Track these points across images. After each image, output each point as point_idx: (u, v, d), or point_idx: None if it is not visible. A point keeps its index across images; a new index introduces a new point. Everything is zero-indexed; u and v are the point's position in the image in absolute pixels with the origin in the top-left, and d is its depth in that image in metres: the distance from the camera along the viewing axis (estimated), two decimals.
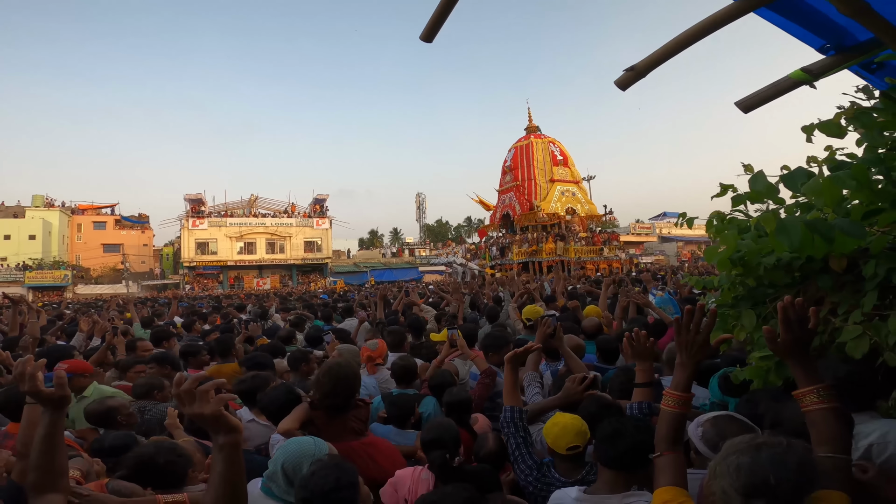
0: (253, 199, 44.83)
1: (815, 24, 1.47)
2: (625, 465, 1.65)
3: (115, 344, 4.29)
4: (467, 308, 7.51)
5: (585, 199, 28.44)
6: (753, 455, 1.07)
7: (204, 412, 1.16)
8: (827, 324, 1.91)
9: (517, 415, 2.12)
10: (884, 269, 1.62)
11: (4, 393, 2.51)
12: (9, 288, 35.27)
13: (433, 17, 1.29)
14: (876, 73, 1.61)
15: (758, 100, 1.64)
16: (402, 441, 2.53)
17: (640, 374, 2.08)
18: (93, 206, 48.80)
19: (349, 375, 2.24)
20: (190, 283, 40.18)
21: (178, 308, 8.93)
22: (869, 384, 1.63)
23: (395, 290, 9.98)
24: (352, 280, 38.77)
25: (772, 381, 1.97)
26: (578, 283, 8.41)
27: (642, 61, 1.47)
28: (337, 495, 1.41)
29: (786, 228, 1.48)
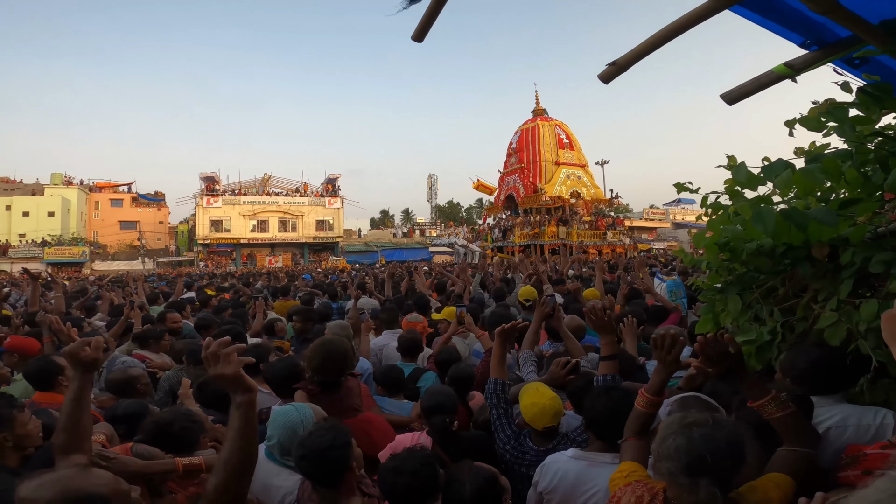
0: (266, 178, 45.11)
1: (792, 22, 1.50)
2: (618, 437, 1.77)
3: (132, 317, 4.48)
4: (477, 288, 7.62)
5: (591, 183, 28.09)
6: (687, 436, 1.19)
7: (226, 372, 1.29)
8: (809, 311, 1.98)
9: (500, 387, 2.22)
10: (860, 257, 1.68)
11: (36, 363, 2.66)
12: (28, 263, 36.20)
13: (423, 18, 1.35)
14: (859, 67, 1.65)
15: (741, 93, 1.68)
16: (396, 411, 2.67)
17: (604, 347, 2.18)
18: (110, 184, 49.47)
19: (338, 350, 2.31)
20: (204, 260, 40.82)
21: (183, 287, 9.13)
22: (837, 370, 1.70)
23: (401, 271, 10.08)
24: (362, 259, 39.06)
25: (752, 364, 2.04)
26: (578, 266, 8.41)
27: (624, 56, 1.52)
28: (332, 453, 1.53)
29: (761, 216, 1.55)
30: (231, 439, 1.28)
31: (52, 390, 2.56)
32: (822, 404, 1.68)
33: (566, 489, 1.77)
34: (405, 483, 1.52)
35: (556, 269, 8.75)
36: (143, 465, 1.70)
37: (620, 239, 27.73)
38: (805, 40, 1.57)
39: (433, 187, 59.09)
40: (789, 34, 1.56)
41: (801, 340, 1.97)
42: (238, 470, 1.28)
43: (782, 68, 1.59)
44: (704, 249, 2.16)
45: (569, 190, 27.03)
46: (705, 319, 2.39)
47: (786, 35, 1.57)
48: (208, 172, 42.92)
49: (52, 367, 2.59)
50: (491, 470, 1.68)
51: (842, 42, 1.52)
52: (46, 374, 2.58)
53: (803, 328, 2.00)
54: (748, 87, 1.67)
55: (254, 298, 6.41)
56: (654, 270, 7.12)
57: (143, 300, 6.59)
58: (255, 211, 42.78)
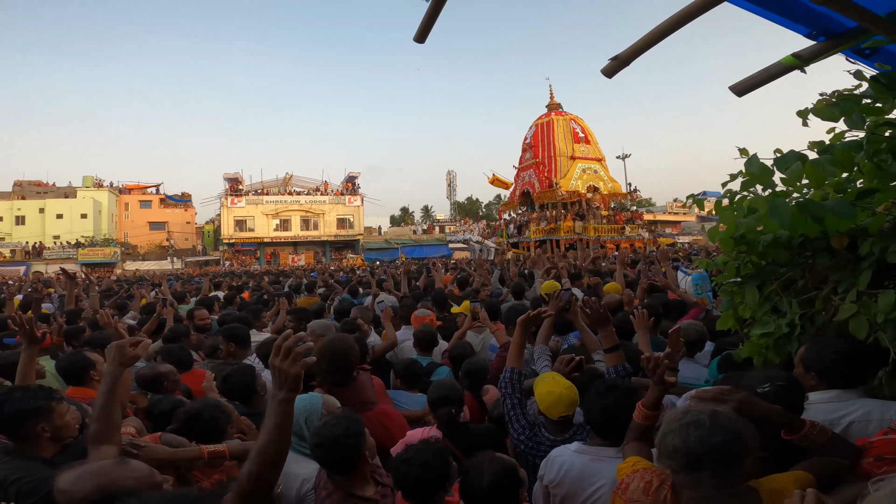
0: (288, 177, 45.75)
1: (795, 13, 1.47)
2: (618, 437, 1.80)
3: (165, 315, 4.63)
4: (496, 283, 7.64)
5: (608, 177, 27.65)
6: (684, 437, 1.21)
7: (290, 370, 1.31)
8: (829, 302, 1.95)
9: (516, 376, 2.23)
10: (878, 247, 1.65)
11: (67, 358, 2.78)
12: (63, 264, 37.50)
13: (424, 19, 1.37)
14: (870, 57, 1.61)
15: (750, 84, 1.66)
16: (411, 405, 2.71)
17: (605, 340, 2.19)
18: (139, 186, 50.91)
19: (343, 350, 2.35)
20: (229, 259, 41.68)
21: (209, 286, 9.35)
22: (861, 363, 1.67)
23: (416, 268, 10.13)
24: (383, 256, 39.31)
25: (770, 358, 2.02)
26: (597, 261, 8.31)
27: (626, 51, 1.52)
28: (346, 441, 1.58)
29: (777, 209, 1.53)
30: (269, 432, 1.32)
31: (84, 385, 2.67)
32: (843, 398, 1.66)
33: (571, 482, 1.78)
34: (417, 474, 1.56)
35: (574, 265, 8.68)
36: (170, 452, 1.78)
37: (639, 233, 27.28)
38: (811, 31, 1.54)
39: (452, 184, 59.05)
40: (794, 25, 1.53)
41: (821, 333, 1.94)
42: (273, 460, 1.33)
43: (791, 59, 1.56)
44: (720, 243, 2.14)
45: (585, 184, 26.69)
46: (726, 316, 2.36)
47: (790, 26, 1.54)
48: (232, 173, 43.76)
49: (83, 362, 2.70)
50: (511, 461, 1.71)
51: (850, 32, 1.48)
52: (78, 368, 2.69)
53: (823, 320, 1.97)
54: (757, 78, 1.64)
55: (277, 296, 6.55)
56: (676, 264, 7.00)
57: (171, 298, 6.79)
58: (278, 210, 43.45)
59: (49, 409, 1.76)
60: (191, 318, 4.73)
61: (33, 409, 1.73)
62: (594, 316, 2.26)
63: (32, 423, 1.72)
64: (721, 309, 2.39)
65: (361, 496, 1.66)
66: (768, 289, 2.13)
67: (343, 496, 1.63)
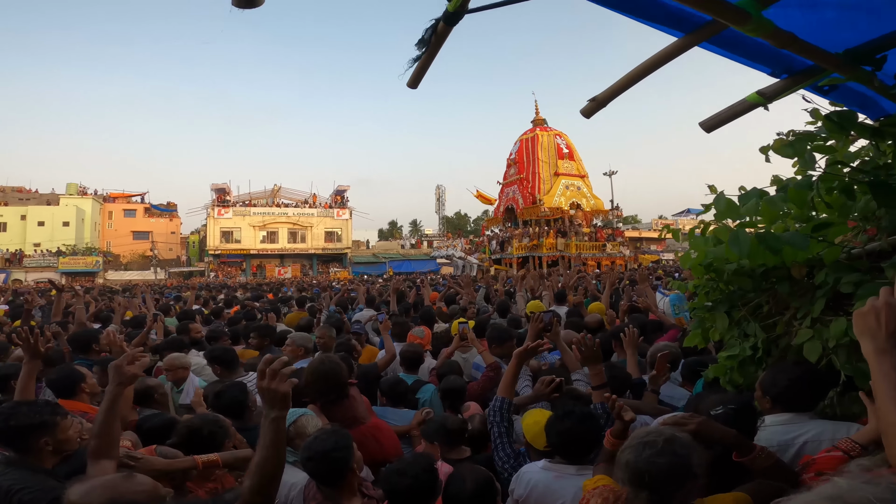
0: (276, 189, 45.67)
1: (757, 55, 1.61)
2: (576, 458, 1.92)
3: (155, 328, 4.65)
4: (481, 301, 7.75)
5: (591, 194, 27.75)
6: (638, 453, 1.33)
7: (279, 389, 1.41)
8: (791, 327, 2.09)
9: (506, 406, 2.31)
10: (832, 277, 1.80)
11: (58, 372, 2.82)
12: (43, 273, 36.78)
13: (418, 67, 1.49)
14: (829, 94, 1.76)
15: (718, 121, 1.80)
16: (398, 421, 2.80)
17: (594, 377, 2.30)
18: (124, 195, 50.36)
19: (331, 369, 2.42)
20: (214, 270, 41.28)
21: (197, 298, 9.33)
22: (813, 388, 1.80)
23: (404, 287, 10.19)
24: (370, 270, 39.30)
25: (735, 379, 2.15)
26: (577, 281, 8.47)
27: (602, 93, 1.65)
28: (335, 454, 1.68)
29: (737, 239, 1.67)
30: (265, 448, 1.40)
31: (73, 398, 2.69)
32: (797, 420, 1.78)
33: (537, 498, 1.88)
34: (407, 485, 1.64)
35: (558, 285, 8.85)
36: (166, 463, 1.86)
37: (620, 251, 27.58)
38: (773, 70, 1.69)
39: (441, 198, 59.40)
40: (757, 66, 1.68)
41: (783, 356, 2.08)
42: (271, 474, 1.42)
43: (755, 97, 1.71)
44: (691, 270, 2.28)
45: (568, 201, 26.75)
46: (694, 334, 2.50)
47: (754, 66, 1.68)
48: (219, 183, 43.56)
49: (74, 376, 2.74)
50: (488, 472, 1.81)
51: (810, 70, 1.63)
52: (69, 381, 2.72)
53: (785, 344, 2.11)
54: (724, 115, 1.79)
55: (264, 312, 6.58)
56: (656, 284, 7.19)
57: (156, 311, 6.79)
58: (265, 222, 43.27)
59: (54, 423, 1.81)
60: (186, 331, 4.77)
61: (39, 424, 1.77)
62: (587, 353, 2.35)
63: (37, 436, 1.76)
64: (690, 328, 2.53)
65: None
66: (737, 314, 2.27)
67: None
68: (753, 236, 1.71)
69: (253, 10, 1.21)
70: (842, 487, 0.69)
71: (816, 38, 1.53)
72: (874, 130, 1.68)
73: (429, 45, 1.38)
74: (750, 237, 1.70)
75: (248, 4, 1.19)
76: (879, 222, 1.77)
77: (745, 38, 1.48)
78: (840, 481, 0.71)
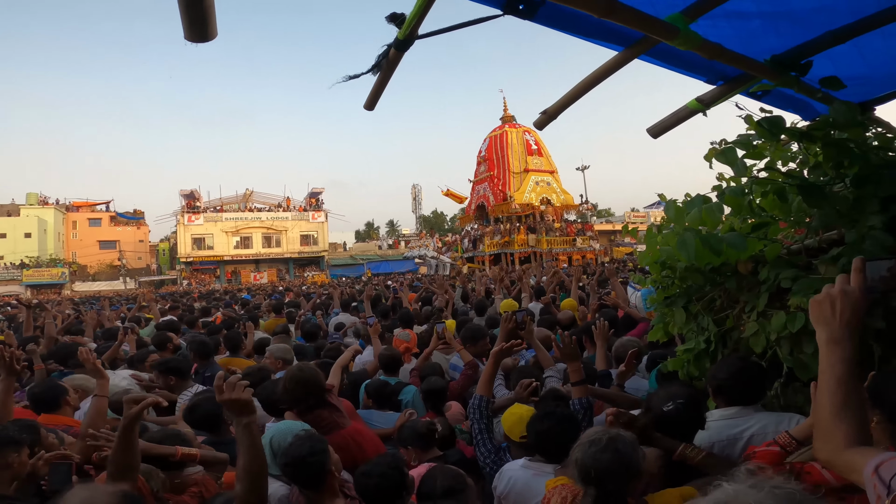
0: (248, 193, 44.92)
1: (692, 65, 1.73)
2: (555, 457, 2.00)
3: (128, 342, 4.60)
4: (459, 301, 7.84)
5: (561, 189, 28.13)
6: (585, 451, 1.45)
7: (240, 398, 1.54)
8: (739, 320, 2.24)
9: (484, 403, 2.41)
10: (773, 273, 1.94)
11: (40, 385, 2.81)
12: (7, 287, 35.43)
13: (373, 90, 1.57)
14: (762, 99, 1.90)
15: (662, 127, 1.93)
16: (383, 423, 2.87)
17: (573, 373, 2.42)
18: (87, 203, 48.78)
19: (310, 377, 2.47)
20: (187, 278, 40.39)
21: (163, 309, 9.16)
22: (755, 382, 1.90)
23: (378, 291, 10.20)
24: (348, 272, 39.03)
25: (691, 371, 2.28)
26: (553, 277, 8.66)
27: (552, 106, 1.76)
28: (311, 459, 1.76)
29: (684, 242, 1.79)
30: (247, 452, 1.53)
31: (56, 412, 2.69)
32: (742, 414, 1.86)
33: (517, 495, 1.97)
34: (375, 484, 1.73)
35: (536, 282, 9.02)
36: (147, 446, 1.90)
37: (590, 245, 28.02)
38: (709, 78, 1.82)
39: (417, 198, 59.33)
40: (694, 75, 1.80)
41: (736, 349, 2.23)
42: (259, 473, 1.54)
43: (694, 103, 1.84)
44: (648, 267, 2.42)
45: (538, 197, 27.02)
46: (657, 329, 2.64)
47: (691, 75, 1.81)
48: (188, 189, 42.60)
49: (57, 390, 2.74)
50: (459, 470, 1.87)
51: (743, 76, 1.76)
52: (51, 395, 2.72)
53: (737, 337, 2.26)
54: (668, 121, 1.92)
55: (241, 320, 6.55)
56: (624, 277, 7.41)
57: (128, 324, 6.67)
58: (238, 227, 42.55)
59: (21, 441, 1.80)
60: (162, 342, 4.73)
61: None
62: (566, 351, 2.48)
63: None
64: (654, 322, 2.66)
65: None
66: (694, 308, 2.41)
67: None
68: (697, 239, 1.83)
69: (218, 12, 1.21)
70: (728, 493, 0.74)
71: (744, 48, 1.66)
72: (802, 134, 1.82)
73: (381, 69, 1.46)
74: (696, 239, 1.82)
75: (200, 39, 1.19)
76: (809, 222, 1.92)
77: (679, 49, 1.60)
78: (727, 486, 0.76)
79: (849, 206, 1.78)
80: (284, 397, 2.47)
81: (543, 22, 1.43)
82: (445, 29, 1.44)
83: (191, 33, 1.18)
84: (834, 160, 1.76)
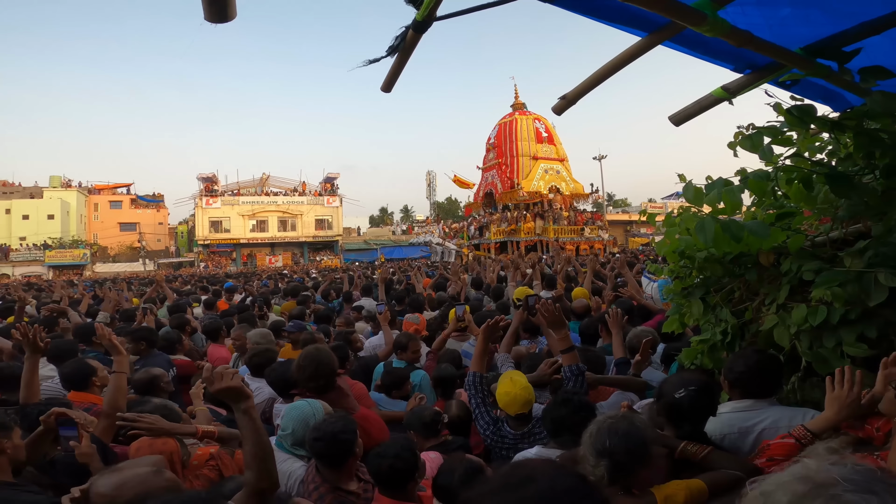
0: (265, 177, 45.23)
1: (719, 53, 1.67)
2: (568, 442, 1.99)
3: (146, 322, 4.70)
4: (470, 288, 7.83)
5: (570, 178, 27.69)
6: (600, 424, 1.47)
7: (231, 386, 1.53)
8: (759, 313, 2.20)
9: (478, 379, 2.50)
10: (796, 265, 1.89)
11: (71, 365, 2.87)
12: (29, 267, 36.36)
13: (390, 73, 1.54)
14: (790, 88, 1.83)
15: (685, 115, 1.87)
16: (391, 407, 2.90)
17: (560, 342, 2.44)
18: (109, 186, 49.62)
19: (326, 357, 2.51)
20: (204, 260, 41.01)
21: None
22: (771, 375, 1.86)
23: (390, 276, 10.22)
24: (362, 257, 39.23)
25: (704, 363, 2.25)
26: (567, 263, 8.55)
27: (572, 91, 1.72)
28: (342, 436, 1.81)
29: (703, 227, 1.75)
30: (251, 437, 1.53)
31: (86, 390, 2.77)
32: (756, 407, 1.84)
33: None
34: (389, 465, 1.75)
35: (549, 267, 8.95)
36: (170, 426, 1.98)
37: (599, 235, 27.62)
38: (736, 66, 1.76)
39: (432, 184, 59.14)
40: (720, 62, 1.75)
41: (753, 341, 2.19)
42: (266, 457, 1.54)
43: (720, 91, 1.78)
44: (666, 256, 2.38)
45: (547, 185, 26.64)
46: (672, 320, 2.61)
47: (718, 63, 1.75)
48: (206, 173, 43.06)
49: (86, 370, 2.81)
50: (479, 461, 1.90)
51: (772, 65, 1.70)
52: (81, 375, 2.80)
53: (755, 329, 2.22)
54: (691, 109, 1.86)
55: (255, 302, 6.63)
56: (641, 268, 7.31)
57: (146, 305, 6.80)
58: (255, 211, 42.94)
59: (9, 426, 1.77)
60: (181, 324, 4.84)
61: None
62: (550, 317, 2.49)
63: None
64: (669, 313, 2.63)
65: (346, 489, 1.86)
66: (712, 300, 2.37)
67: (329, 489, 1.82)
68: (717, 224, 1.78)
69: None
70: (810, 467, 0.72)
71: (774, 36, 1.60)
72: (833, 123, 1.76)
73: (399, 51, 1.43)
74: (715, 225, 1.78)
75: (220, 19, 1.20)
76: (836, 212, 1.86)
77: (706, 36, 1.55)
78: (809, 462, 0.73)
79: (877, 197, 1.72)
80: (297, 375, 2.50)
81: (565, 5, 1.40)
82: (464, 10, 1.41)
83: (210, 13, 1.19)
84: (865, 150, 1.70)
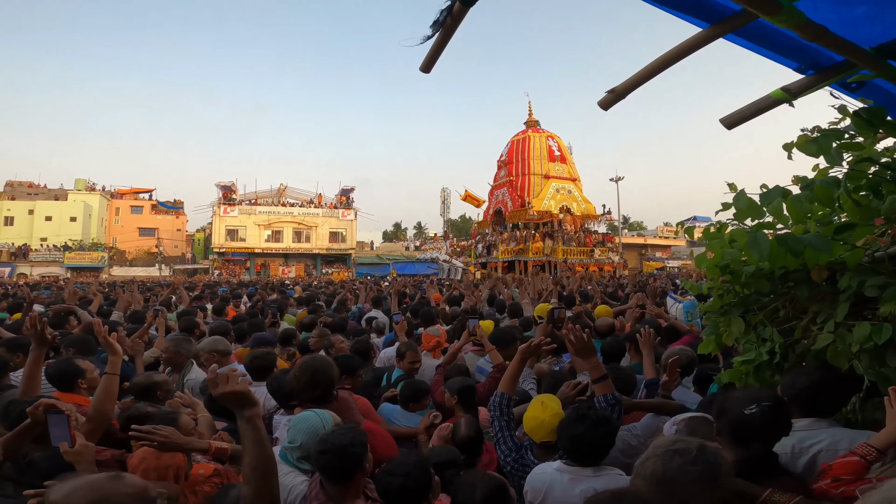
0: (282, 188, 45.78)
1: (785, 49, 1.55)
2: (589, 461, 1.87)
3: (157, 324, 4.62)
4: (485, 304, 7.69)
5: (582, 198, 27.32)
6: (667, 462, 1.25)
7: (236, 390, 1.41)
8: (808, 332, 2.02)
9: (505, 401, 2.29)
10: (856, 281, 1.73)
11: (58, 365, 2.77)
12: (48, 268, 36.98)
13: (431, 50, 1.44)
14: (856, 91, 1.70)
15: (740, 117, 1.73)
16: (405, 422, 2.72)
17: (592, 371, 2.25)
18: (131, 191, 50.67)
19: (323, 367, 2.37)
20: (219, 268, 41.37)
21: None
22: (830, 393, 1.73)
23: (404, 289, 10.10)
24: (374, 272, 39.26)
25: (750, 384, 2.08)
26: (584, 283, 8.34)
27: (622, 84, 1.60)
28: (351, 450, 1.65)
29: (757, 241, 1.60)
30: (252, 448, 1.40)
31: (72, 392, 2.66)
32: (814, 427, 1.71)
33: (554, 500, 1.82)
34: (399, 484, 1.60)
35: (564, 287, 8.77)
36: (184, 441, 1.89)
37: (609, 257, 27.16)
38: (800, 65, 1.63)
39: (446, 201, 59.29)
40: (784, 60, 1.62)
41: (800, 361, 2.01)
42: (268, 472, 1.40)
43: (779, 93, 1.64)
44: (706, 271, 2.21)
45: (558, 205, 26.32)
46: (708, 341, 2.43)
47: (780, 61, 1.61)
48: (225, 182, 43.72)
49: (73, 370, 2.71)
50: (501, 479, 1.77)
51: (837, 66, 1.56)
52: (68, 376, 2.69)
53: (803, 349, 2.04)
54: (746, 111, 1.72)
55: (269, 308, 6.55)
56: (666, 291, 7.09)
57: (158, 307, 6.76)
58: (270, 221, 43.38)
59: None
60: (190, 326, 4.78)
61: None
62: (579, 345, 2.31)
63: None
64: (704, 335, 2.45)
65: None
66: (754, 319, 2.20)
67: None
68: (774, 238, 1.65)
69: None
70: None
71: (846, 33, 1.47)
72: None
73: (443, 26, 1.32)
74: (770, 239, 1.63)
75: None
76: None
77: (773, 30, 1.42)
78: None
79: None
80: (293, 385, 2.38)
81: None
82: None
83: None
84: None
